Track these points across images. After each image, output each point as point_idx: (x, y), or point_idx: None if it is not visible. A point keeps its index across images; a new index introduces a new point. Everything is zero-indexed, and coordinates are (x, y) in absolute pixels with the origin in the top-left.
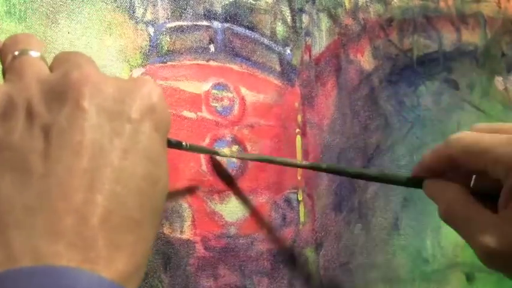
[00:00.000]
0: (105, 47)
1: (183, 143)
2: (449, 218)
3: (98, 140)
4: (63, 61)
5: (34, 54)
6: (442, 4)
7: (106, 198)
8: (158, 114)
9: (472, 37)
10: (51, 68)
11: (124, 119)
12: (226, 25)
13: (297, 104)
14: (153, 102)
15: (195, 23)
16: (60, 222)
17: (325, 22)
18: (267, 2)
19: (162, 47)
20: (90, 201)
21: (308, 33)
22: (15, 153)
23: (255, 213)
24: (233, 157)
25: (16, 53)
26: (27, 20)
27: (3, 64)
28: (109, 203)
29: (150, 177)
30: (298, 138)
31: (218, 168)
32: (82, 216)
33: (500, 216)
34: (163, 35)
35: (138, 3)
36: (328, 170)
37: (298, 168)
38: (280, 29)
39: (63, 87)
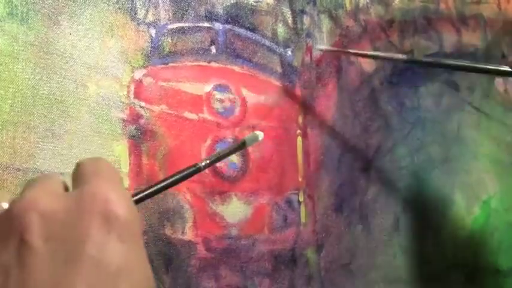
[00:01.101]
0: (107, 49)
1: (201, 165)
2: None
3: (54, 274)
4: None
5: None
6: (442, 6)
7: None
8: (117, 223)
9: (472, 38)
10: None
11: (78, 243)
12: (228, 26)
13: (297, 105)
14: (109, 213)
15: (196, 25)
16: None
17: (326, 23)
18: (268, 4)
19: (163, 48)
20: None
21: (309, 35)
22: None
23: (256, 214)
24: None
25: None
26: (29, 21)
27: None
28: None
29: None
30: (299, 139)
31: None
32: None
33: None
34: (164, 36)
35: (140, 5)
36: (425, 63)
37: (300, 170)
38: (281, 30)
39: (7, 222)
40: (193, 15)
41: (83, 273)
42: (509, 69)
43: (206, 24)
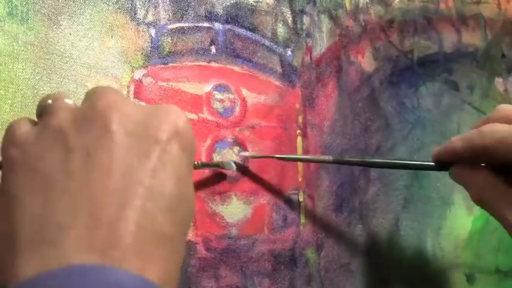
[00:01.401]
0: (107, 49)
1: (195, 163)
2: (481, 201)
3: (127, 160)
4: (91, 94)
5: (67, 100)
6: (442, 5)
7: (137, 214)
8: (184, 136)
9: (472, 38)
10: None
11: (151, 141)
12: (228, 26)
13: (297, 105)
14: (178, 125)
15: (196, 25)
16: (92, 238)
17: (326, 23)
18: (268, 4)
19: (163, 48)
20: (122, 217)
21: (309, 35)
22: (45, 175)
23: (256, 214)
24: (254, 157)
25: (49, 101)
26: (29, 21)
27: (38, 112)
28: (140, 219)
29: (178, 194)
30: (299, 139)
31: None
32: (114, 231)
33: None
34: (164, 36)
35: (140, 5)
36: (351, 163)
37: (299, 170)
38: (281, 30)
39: (91, 114)
40: (193, 15)
41: (150, 168)
42: (433, 164)
43: (206, 24)
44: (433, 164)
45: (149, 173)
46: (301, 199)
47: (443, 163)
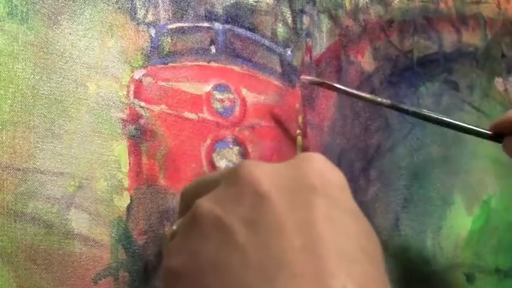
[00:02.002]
0: (107, 48)
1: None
2: None
3: (296, 216)
4: (225, 176)
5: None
6: (442, 5)
7: (348, 274)
8: (335, 176)
9: (472, 38)
10: None
11: (308, 189)
12: (227, 26)
13: (297, 105)
14: (325, 169)
15: (196, 24)
16: None
17: (325, 23)
18: (267, 4)
19: (163, 48)
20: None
21: (309, 35)
22: (221, 266)
23: None
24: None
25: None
26: (29, 21)
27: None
28: (353, 279)
29: (365, 231)
30: (299, 139)
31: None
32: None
33: None
34: (164, 36)
35: (140, 5)
36: (413, 114)
37: None
38: (281, 30)
39: (237, 189)
40: (192, 15)
41: (322, 213)
42: (489, 132)
43: (206, 24)
44: (489, 132)
45: (325, 220)
46: None
47: (498, 133)
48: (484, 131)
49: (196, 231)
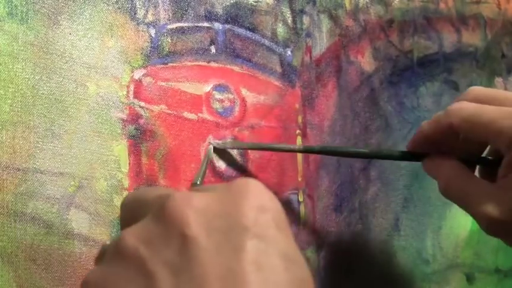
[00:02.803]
0: (107, 48)
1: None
2: (449, 193)
3: (222, 263)
4: (151, 203)
5: (127, 230)
6: (442, 5)
7: None
8: (272, 213)
9: (472, 38)
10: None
11: (239, 230)
12: (227, 26)
13: (297, 105)
14: (262, 204)
15: (196, 24)
16: None
17: (325, 23)
18: (267, 3)
19: (163, 48)
20: None
21: (309, 35)
22: None
23: None
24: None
25: (108, 241)
26: (28, 21)
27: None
28: None
29: (298, 280)
30: (299, 139)
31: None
32: None
33: (499, 186)
34: (164, 36)
35: (140, 5)
36: (321, 152)
37: (299, 170)
38: (281, 30)
39: (161, 225)
40: (192, 15)
41: (250, 260)
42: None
43: (206, 24)
44: (408, 154)
45: (253, 268)
46: (300, 199)
47: (416, 153)
48: (402, 153)
49: (119, 269)
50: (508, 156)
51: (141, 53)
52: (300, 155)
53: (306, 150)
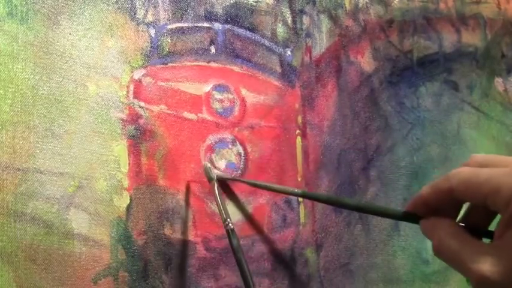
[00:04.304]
0: (106, 48)
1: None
2: (440, 252)
3: None
4: None
5: None
6: (442, 5)
7: None
8: None
9: (472, 38)
10: None
11: None
12: (227, 26)
13: (297, 105)
14: None
15: (195, 25)
16: None
17: (325, 23)
18: (267, 4)
19: (163, 48)
20: None
21: (308, 35)
22: None
23: (255, 214)
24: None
25: None
26: (28, 21)
27: None
28: None
29: None
30: (299, 139)
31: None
32: None
33: (494, 245)
34: (164, 36)
35: (139, 5)
36: (327, 202)
37: (299, 170)
38: (280, 30)
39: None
40: (192, 15)
41: None
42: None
43: (205, 24)
44: (406, 215)
45: None
46: (300, 199)
47: (412, 215)
48: (400, 213)
49: None
50: (505, 215)
51: (141, 53)
52: (299, 154)
53: (305, 195)
